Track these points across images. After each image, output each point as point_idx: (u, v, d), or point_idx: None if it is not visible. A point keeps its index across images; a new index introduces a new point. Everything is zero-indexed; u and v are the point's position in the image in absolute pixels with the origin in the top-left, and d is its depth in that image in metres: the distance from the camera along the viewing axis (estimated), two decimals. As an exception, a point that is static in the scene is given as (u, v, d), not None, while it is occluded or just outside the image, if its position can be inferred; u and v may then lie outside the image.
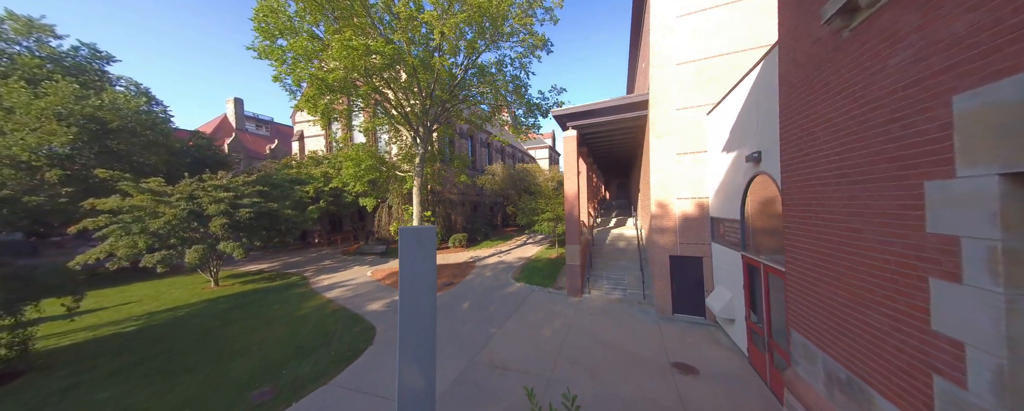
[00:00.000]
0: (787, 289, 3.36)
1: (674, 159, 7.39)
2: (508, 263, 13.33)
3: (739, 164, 5.30)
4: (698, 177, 7.15)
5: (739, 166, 5.30)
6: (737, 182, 5.42)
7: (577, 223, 9.11)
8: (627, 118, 8.55)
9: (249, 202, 10.41)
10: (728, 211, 5.96)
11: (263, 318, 7.77)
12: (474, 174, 25.31)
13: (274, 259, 16.76)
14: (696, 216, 7.16)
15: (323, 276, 12.02)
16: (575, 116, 8.91)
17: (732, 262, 5.76)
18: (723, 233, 6.35)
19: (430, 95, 10.12)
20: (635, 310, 7.69)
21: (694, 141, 7.18)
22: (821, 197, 2.69)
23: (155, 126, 12.95)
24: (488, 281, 10.66)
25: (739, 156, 5.29)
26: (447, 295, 9.08)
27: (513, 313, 7.59)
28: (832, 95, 2.50)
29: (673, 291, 7.38)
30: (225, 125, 40.45)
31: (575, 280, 8.95)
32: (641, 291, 8.56)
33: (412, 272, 1.96)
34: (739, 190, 5.32)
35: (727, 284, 6.09)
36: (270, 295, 9.79)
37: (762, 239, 4.91)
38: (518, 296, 8.94)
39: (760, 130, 4.51)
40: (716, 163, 6.52)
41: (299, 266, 14.46)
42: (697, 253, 7.14)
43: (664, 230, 7.51)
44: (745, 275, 5.26)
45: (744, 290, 5.29)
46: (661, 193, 7.55)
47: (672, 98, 7.38)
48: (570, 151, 9.14)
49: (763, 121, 4.41)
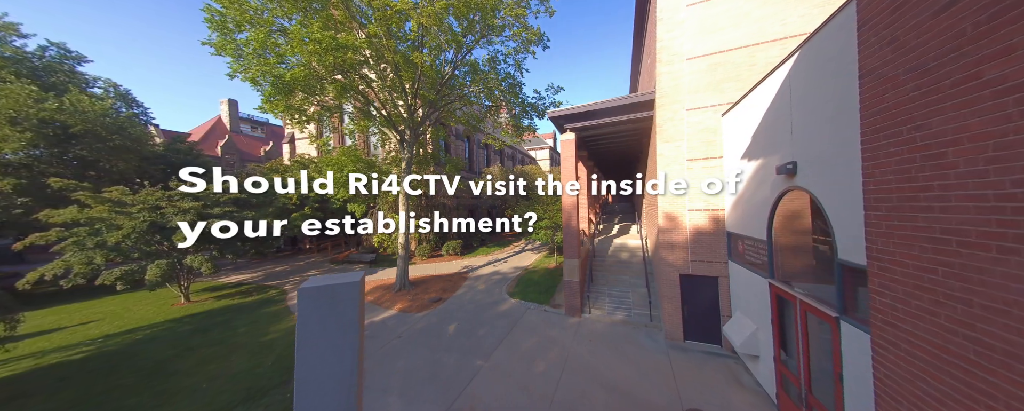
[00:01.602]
0: (878, 356, 2.54)
1: (684, 166, 6.61)
2: (503, 274, 12.57)
3: (765, 175, 4.51)
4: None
5: (765, 177, 4.52)
6: (762, 197, 4.63)
7: (576, 234, 8.33)
8: (631, 120, 7.77)
9: (221, 212, 9.66)
10: (749, 227, 5.18)
11: (225, 345, 7.02)
12: (471, 176, 24.56)
13: (258, 268, 16.05)
14: (710, 230, 6.38)
15: (303, 290, 11.26)
16: (573, 117, 8.14)
17: (756, 288, 4.97)
18: (743, 251, 5.57)
19: (415, 94, 9.36)
20: (641, 336, 6.90)
21: (707, 146, 6.39)
22: (962, 236, 1.89)
23: (123, 130, 12.23)
24: (480, 296, 9.89)
25: (766, 166, 4.50)
26: (434, 314, 8.31)
27: (504, 338, 6.82)
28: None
29: (684, 314, 6.60)
30: (219, 127, 39.91)
31: (574, 299, 8.17)
32: (648, 312, 7.77)
33: (316, 355, 1.22)
34: (765, 206, 4.53)
35: (749, 312, 5.30)
36: (241, 314, 9.05)
37: (792, 262, 4.12)
38: (511, 316, 8.17)
39: (797, 137, 3.72)
40: (734, 172, 5.73)
41: (281, 277, 13.72)
42: (711, 272, 6.35)
43: (673, 245, 6.72)
44: (774, 308, 4.47)
45: (773, 325, 4.50)
46: (670, 204, 6.76)
47: (681, 98, 6.60)
48: (568, 155, 8.37)
49: (803, 126, 3.62)
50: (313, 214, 14.24)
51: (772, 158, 4.30)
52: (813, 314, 3.56)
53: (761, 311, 4.84)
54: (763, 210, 4.61)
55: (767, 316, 4.63)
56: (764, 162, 4.57)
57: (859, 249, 2.61)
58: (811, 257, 3.86)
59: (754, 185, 4.93)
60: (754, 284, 5.04)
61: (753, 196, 4.97)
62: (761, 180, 4.68)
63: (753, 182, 4.97)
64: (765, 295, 4.65)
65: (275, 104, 7.95)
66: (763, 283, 4.71)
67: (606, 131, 9.81)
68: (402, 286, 10.18)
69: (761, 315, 4.84)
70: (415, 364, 5.72)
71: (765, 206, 4.54)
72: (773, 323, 4.50)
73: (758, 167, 4.78)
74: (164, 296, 11.13)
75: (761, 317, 4.85)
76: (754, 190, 4.93)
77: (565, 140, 8.38)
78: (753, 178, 4.96)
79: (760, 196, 4.72)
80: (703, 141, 6.43)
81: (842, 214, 2.97)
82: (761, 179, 4.68)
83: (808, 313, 3.67)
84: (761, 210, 4.68)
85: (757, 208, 4.84)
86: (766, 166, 4.50)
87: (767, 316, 4.63)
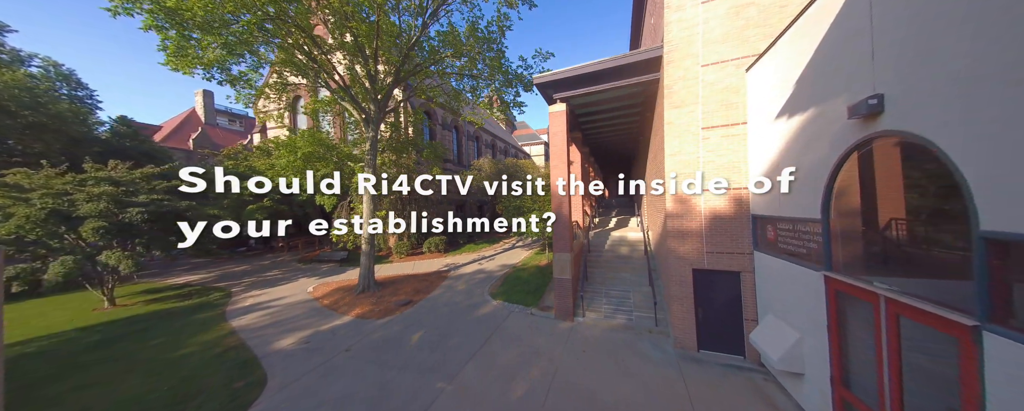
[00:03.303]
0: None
1: (698, 136, 5.45)
2: (488, 272, 11.33)
3: (819, 129, 3.36)
4: (733, 161, 5.22)
5: (819, 132, 3.36)
6: (814, 160, 3.48)
7: (568, 225, 7.13)
8: (633, 85, 6.59)
9: (146, 200, 8.22)
10: (788, 206, 4.03)
11: (127, 361, 5.66)
12: (459, 169, 23.26)
13: (215, 268, 14.54)
14: (730, 214, 5.23)
15: (253, 292, 9.87)
16: (564, 83, 6.93)
17: (799, 285, 3.82)
18: (775, 238, 4.42)
19: (375, 57, 8.03)
20: (645, 344, 5.73)
21: (726, 110, 5.25)
22: None
23: (41, 105, 10.64)
24: (458, 298, 8.64)
25: (821, 117, 3.34)
26: (397, 321, 7.02)
27: (479, 350, 5.58)
28: None
29: (698, 318, 5.44)
30: (193, 119, 37.93)
31: (566, 300, 6.98)
32: (652, 314, 6.61)
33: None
34: (820, 172, 3.37)
35: (788, 316, 4.15)
36: (166, 321, 7.65)
37: (857, 248, 2.97)
38: (491, 321, 6.94)
39: (887, 61, 2.56)
40: (763, 138, 4.58)
41: (237, 277, 12.27)
42: (732, 266, 5.21)
43: (684, 234, 5.56)
44: (833, 310, 3.31)
45: (830, 334, 3.34)
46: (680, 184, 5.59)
47: (695, 51, 5.44)
48: (558, 131, 7.16)
49: (898, 43, 2.45)
50: (274, 208, 12.79)
51: (832, 103, 3.14)
52: (917, 320, 2.39)
53: (808, 315, 3.69)
54: (816, 178, 3.45)
55: (820, 321, 3.47)
56: (817, 113, 3.41)
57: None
58: (892, 241, 2.71)
59: (799, 148, 3.78)
60: (796, 280, 3.89)
61: (797, 163, 3.82)
62: (811, 138, 3.52)
63: (796, 145, 3.81)
64: (816, 294, 3.49)
65: (183, 59, 6.34)
66: (813, 278, 3.55)
67: (603, 109, 8.64)
68: (366, 287, 8.86)
69: (808, 320, 3.69)
70: (356, 388, 4.45)
71: (820, 172, 3.38)
72: (830, 331, 3.34)
73: (805, 123, 3.62)
74: (90, 300, 9.64)
75: (808, 323, 3.70)
76: (798, 155, 3.78)
77: (554, 112, 7.17)
78: (796, 139, 3.81)
79: (810, 160, 3.56)
80: (722, 103, 5.28)
81: (985, 160, 1.82)
82: (811, 136, 3.52)
83: (903, 318, 2.50)
84: (812, 179, 3.52)
85: (804, 178, 3.69)
86: (821, 116, 3.34)
87: (820, 321, 3.47)
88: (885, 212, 2.81)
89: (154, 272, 14.41)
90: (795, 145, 3.84)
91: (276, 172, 9.67)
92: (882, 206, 2.83)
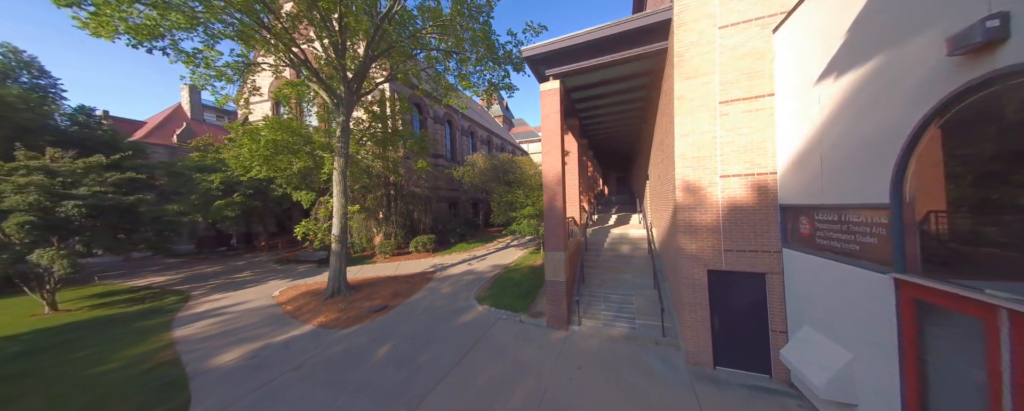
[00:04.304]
0: None
1: (714, 112, 4.66)
2: (478, 273, 10.52)
3: (890, 82, 2.56)
4: (756, 140, 4.42)
5: (889, 87, 2.57)
6: (879, 125, 2.68)
7: (562, 220, 6.32)
8: (637, 58, 5.78)
9: (88, 193, 7.37)
10: (832, 190, 3.24)
11: (40, 378, 4.83)
12: (452, 166, 22.47)
13: (188, 268, 13.69)
14: (752, 204, 4.44)
15: (214, 296, 9.03)
16: (556, 57, 6.12)
17: (850, 289, 3.04)
18: (811, 232, 3.64)
19: (342, 28, 7.18)
20: (651, 358, 4.93)
21: (749, 79, 4.45)
22: None
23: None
24: (440, 303, 7.82)
25: (891, 65, 2.54)
26: (365, 331, 6.19)
27: (454, 367, 4.77)
28: None
29: (715, 328, 4.65)
30: (178, 114, 37.05)
31: (559, 305, 6.17)
32: (659, 322, 5.81)
33: None
34: (889, 140, 2.58)
35: (832, 328, 3.35)
36: (105, 330, 6.81)
37: (972, 244, 2.17)
38: (474, 330, 6.13)
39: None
40: (797, 110, 3.79)
41: (205, 279, 11.42)
42: (756, 267, 4.41)
43: (697, 230, 4.77)
44: (908, 323, 2.51)
45: (903, 356, 2.54)
46: (691, 170, 4.80)
47: (711, 10, 4.65)
48: (551, 113, 6.35)
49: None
50: (246, 204, 11.93)
51: (911, 44, 2.34)
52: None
53: (865, 329, 2.89)
54: (880, 151, 2.64)
55: (884, 339, 2.67)
56: (883, 63, 2.61)
57: None
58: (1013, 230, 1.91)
59: (851, 115, 2.98)
60: (845, 284, 3.10)
61: (849, 135, 3.01)
62: (873, 99, 2.72)
63: (848, 111, 3.01)
64: (879, 303, 2.69)
65: (101, 20, 5.36)
66: (874, 282, 2.75)
67: (603, 93, 7.83)
68: (335, 291, 8.02)
69: (865, 336, 2.89)
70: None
71: (887, 142, 2.58)
72: (904, 353, 2.54)
73: (862, 80, 2.82)
74: (31, 305, 8.78)
75: (865, 339, 2.90)
76: (851, 124, 2.98)
77: (546, 91, 6.35)
78: (848, 104, 3.01)
79: (870, 129, 2.76)
80: (744, 72, 4.48)
81: None
82: (873, 96, 2.72)
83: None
84: (873, 153, 2.72)
85: (859, 153, 2.88)
86: (890, 66, 2.53)
87: (884, 339, 2.67)
88: (996, 190, 2.01)
89: (122, 273, 13.57)
90: (846, 112, 3.04)
91: (239, 163, 8.83)
92: (991, 183, 2.03)
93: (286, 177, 10.06)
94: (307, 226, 8.56)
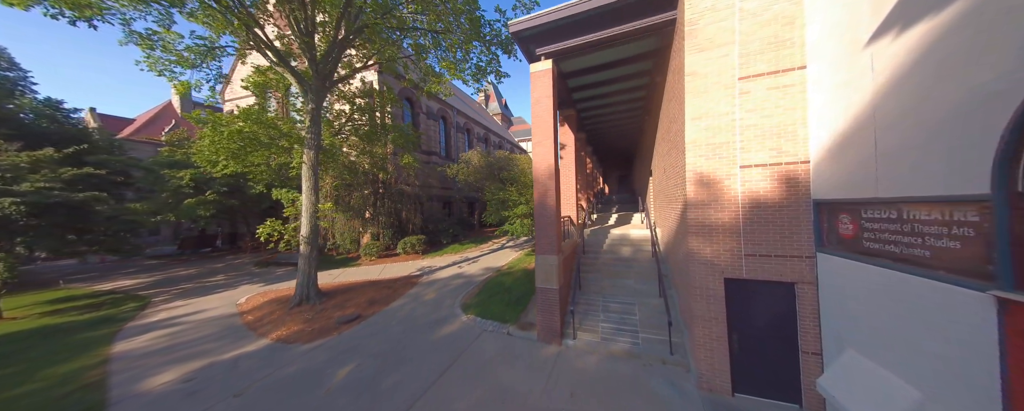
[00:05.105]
0: None
1: (732, 90, 3.97)
2: (468, 277, 9.85)
3: (1000, 23, 1.86)
4: (784, 122, 3.74)
5: (1001, 30, 1.86)
6: (966, 92, 1.98)
7: (555, 219, 5.64)
8: (641, 32, 5.09)
9: (31, 189, 6.70)
10: (891, 180, 2.56)
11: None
12: (446, 163, 21.78)
13: (162, 271, 13.00)
14: (780, 200, 3.76)
15: (175, 303, 8.35)
16: (547, 33, 5.43)
17: (917, 306, 2.36)
18: (856, 233, 2.98)
19: (311, 1, 6.47)
20: (657, 381, 4.24)
21: (775, 50, 3.76)
22: None
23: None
24: (421, 311, 7.14)
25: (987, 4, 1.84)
26: (328, 346, 5.48)
27: (424, 394, 4.09)
28: None
29: (733, 348, 3.96)
30: (168, 111, 36.50)
31: (551, 316, 5.49)
32: (665, 336, 5.12)
33: None
34: (994, 106, 1.89)
35: (887, 355, 2.66)
36: (45, 341, 6.15)
37: None
38: (454, 345, 5.44)
39: None
40: (837, 83, 3.10)
41: (175, 283, 10.75)
42: (783, 275, 3.73)
43: (711, 230, 4.09)
44: (1017, 360, 1.80)
45: (1012, 404, 1.83)
46: (704, 159, 4.12)
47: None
48: (543, 97, 5.66)
49: None
50: (221, 202, 11.25)
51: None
52: None
53: (947, 361, 2.20)
54: (979, 121, 1.95)
55: (978, 375, 1.99)
56: (972, 4, 1.91)
57: None
58: None
59: (917, 84, 2.28)
60: (911, 300, 2.41)
61: (920, 104, 2.32)
62: (961, 52, 2.03)
63: (912, 80, 2.32)
64: (970, 328, 2.01)
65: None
66: (960, 301, 2.07)
67: (603, 79, 7.13)
68: (303, 299, 7.32)
69: (946, 370, 2.20)
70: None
71: (991, 108, 1.88)
72: (1013, 399, 1.84)
73: (945, 25, 2.13)
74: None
75: (946, 375, 2.21)
76: (926, 87, 2.28)
77: (537, 72, 5.66)
78: (913, 70, 2.32)
79: (956, 92, 2.07)
80: (769, 41, 3.79)
81: None
82: (961, 49, 2.03)
83: None
84: (966, 124, 2.03)
85: (942, 125, 2.19)
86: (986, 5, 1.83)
87: (978, 375, 1.99)
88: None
89: (93, 276, 12.90)
90: (916, 75, 2.35)
91: (203, 157, 8.15)
92: None
93: (260, 173, 9.37)
94: (273, 226, 7.87)
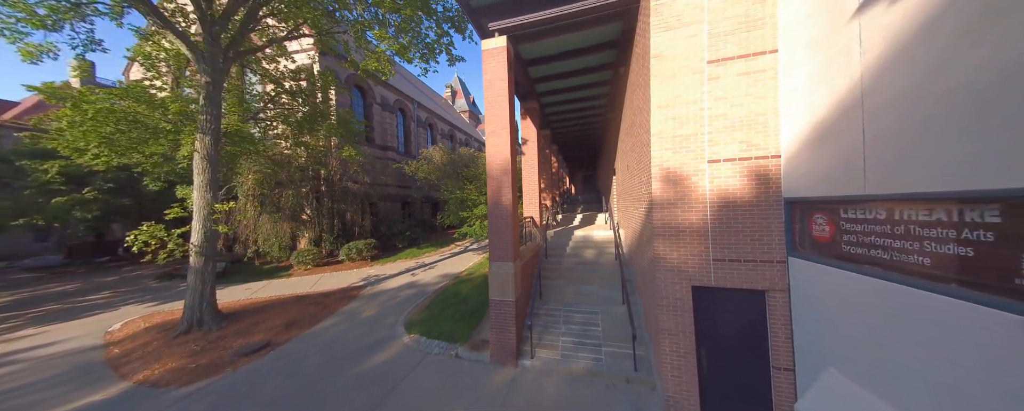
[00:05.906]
0: None
1: (701, 75, 3.57)
2: (420, 287, 8.85)
3: None
4: (755, 112, 3.40)
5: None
6: (1012, 47, 1.58)
7: (511, 221, 4.95)
8: (602, 9, 4.57)
9: None
10: (879, 176, 2.19)
11: None
12: (405, 160, 20.28)
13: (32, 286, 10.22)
14: (750, 199, 3.41)
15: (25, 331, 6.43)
16: (500, 6, 4.73)
17: (912, 324, 1.98)
18: (830, 237, 2.65)
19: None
20: (621, 405, 3.71)
21: (747, 30, 3.41)
22: None
23: None
24: (353, 333, 6.07)
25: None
26: (210, 389, 4.25)
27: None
28: None
29: (702, 364, 3.56)
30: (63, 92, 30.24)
31: (506, 333, 4.79)
32: (630, 350, 4.65)
33: None
34: (1008, 87, 1.46)
35: (879, 379, 2.31)
36: None
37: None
38: (387, 376, 4.52)
39: None
40: (817, 64, 2.76)
41: (46, 301, 8.43)
42: (754, 283, 3.38)
43: (678, 233, 3.66)
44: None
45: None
46: (671, 153, 3.68)
47: (698, -62, 3.53)
48: (497, 79, 4.95)
49: None
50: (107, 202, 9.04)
51: None
52: None
53: (956, 392, 1.82)
54: (1006, 95, 1.55)
55: (995, 404, 1.59)
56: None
57: None
58: None
59: (943, 41, 1.90)
60: (903, 316, 2.05)
61: (924, 80, 1.95)
62: (967, 28, 1.63)
63: (912, 53, 1.94)
64: (992, 354, 1.62)
65: None
66: (975, 322, 1.68)
67: (567, 70, 6.62)
68: (193, 324, 5.86)
69: (954, 403, 1.82)
70: None
71: (1002, 92, 1.48)
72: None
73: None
74: None
75: (949, 404, 1.83)
76: (936, 58, 1.90)
77: (490, 49, 4.93)
78: (930, 25, 1.94)
79: (977, 58, 1.68)
80: (740, 20, 3.43)
81: None
82: (970, 20, 1.63)
83: None
84: (987, 101, 1.63)
85: (955, 105, 1.81)
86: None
87: (995, 404, 1.59)
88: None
89: None
90: (913, 52, 1.97)
91: (65, 143, 6.32)
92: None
93: (152, 166, 7.56)
94: (151, 232, 6.24)
